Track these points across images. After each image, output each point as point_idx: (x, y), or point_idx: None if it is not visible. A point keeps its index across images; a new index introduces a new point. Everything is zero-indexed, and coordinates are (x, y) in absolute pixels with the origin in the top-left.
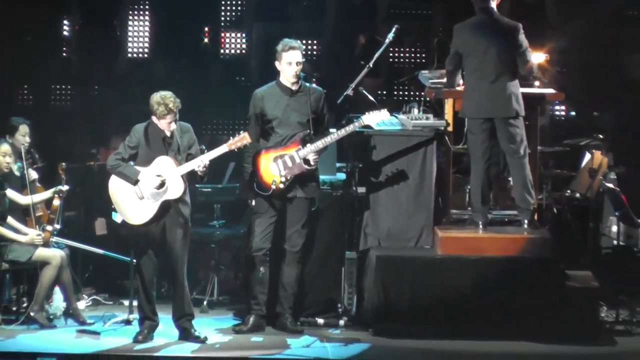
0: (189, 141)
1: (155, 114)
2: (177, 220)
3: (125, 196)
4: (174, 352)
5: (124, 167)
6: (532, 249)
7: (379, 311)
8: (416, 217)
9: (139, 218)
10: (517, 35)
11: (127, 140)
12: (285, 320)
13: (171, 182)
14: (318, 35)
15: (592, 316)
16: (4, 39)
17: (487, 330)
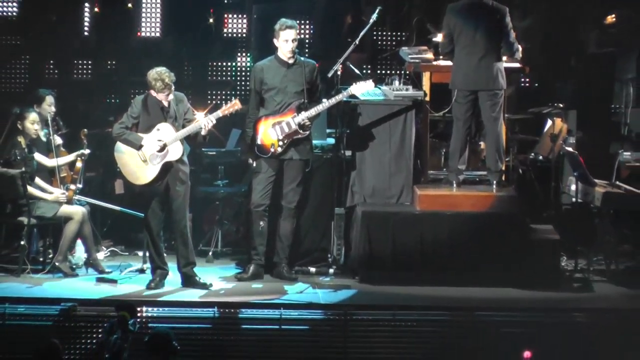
0: (184, 109)
1: (154, 89)
2: (178, 178)
3: (131, 160)
4: (183, 297)
5: (128, 135)
6: (500, 205)
7: (364, 260)
8: (397, 177)
9: (144, 179)
10: (504, 17)
11: (129, 111)
12: (282, 269)
13: (171, 146)
14: (310, 15)
15: (553, 265)
16: (33, 20)
17: (461, 277)
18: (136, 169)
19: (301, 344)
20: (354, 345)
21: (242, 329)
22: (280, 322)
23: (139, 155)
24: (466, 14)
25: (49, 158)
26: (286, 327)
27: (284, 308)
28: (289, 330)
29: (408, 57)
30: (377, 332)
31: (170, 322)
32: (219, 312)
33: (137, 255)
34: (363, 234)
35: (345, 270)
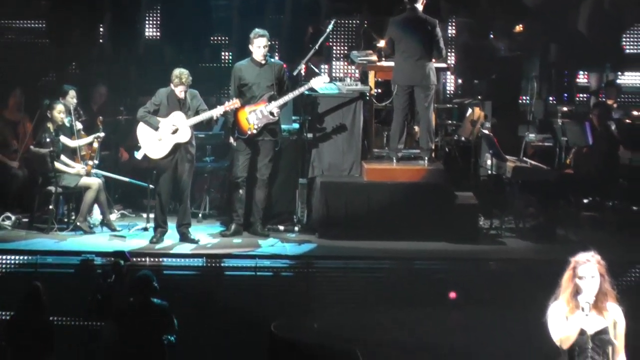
0: (197, 103)
1: (172, 82)
2: (185, 157)
3: (149, 138)
4: (177, 250)
5: (149, 117)
6: (430, 177)
7: (323, 220)
8: (348, 154)
9: (158, 154)
10: (434, 28)
11: (153, 99)
12: (257, 227)
13: (182, 130)
14: (279, 25)
15: (473, 224)
16: (61, 32)
17: (400, 233)
18: (152, 146)
19: (272, 286)
20: (315, 288)
21: (224, 275)
22: (255, 270)
23: (156, 135)
24: (405, 25)
25: (72, 140)
26: (260, 273)
27: (259, 258)
28: (263, 275)
29: (357, 59)
30: (333, 277)
31: (166, 269)
32: (206, 262)
33: (142, 217)
34: (322, 200)
35: (308, 229)
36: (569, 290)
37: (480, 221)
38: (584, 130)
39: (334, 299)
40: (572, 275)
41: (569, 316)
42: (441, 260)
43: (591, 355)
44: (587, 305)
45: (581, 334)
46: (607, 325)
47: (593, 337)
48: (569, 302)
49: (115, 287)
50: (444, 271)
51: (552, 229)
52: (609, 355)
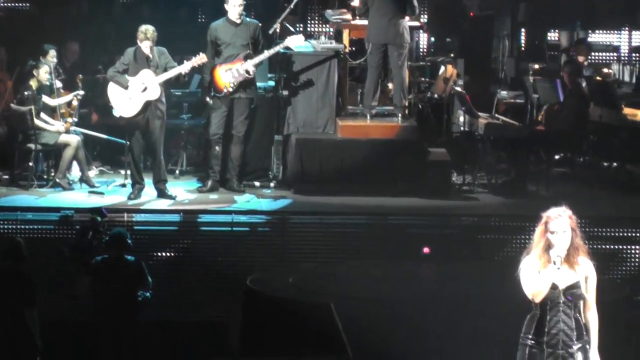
0: (165, 60)
1: (138, 38)
2: (156, 114)
3: (119, 97)
4: (155, 206)
5: (119, 77)
6: (404, 134)
7: (297, 177)
8: (323, 111)
9: (129, 112)
10: None
11: (121, 59)
12: (233, 184)
13: (151, 87)
14: None
15: (445, 180)
16: None
17: (373, 189)
18: (123, 104)
19: (248, 241)
20: (290, 242)
21: (201, 230)
22: (232, 225)
23: (126, 94)
24: None
25: (52, 98)
26: (236, 228)
27: (235, 214)
28: (238, 231)
29: (332, 18)
30: (308, 232)
31: (144, 225)
32: (182, 218)
33: (120, 173)
34: (297, 156)
35: (283, 185)
36: (541, 245)
37: (453, 177)
38: (555, 88)
39: (309, 254)
40: (543, 230)
41: (541, 270)
42: (414, 215)
43: (563, 309)
44: (558, 259)
45: (553, 288)
46: (579, 279)
47: (565, 291)
48: (540, 256)
49: (93, 243)
50: (417, 227)
51: (523, 185)
52: (580, 309)
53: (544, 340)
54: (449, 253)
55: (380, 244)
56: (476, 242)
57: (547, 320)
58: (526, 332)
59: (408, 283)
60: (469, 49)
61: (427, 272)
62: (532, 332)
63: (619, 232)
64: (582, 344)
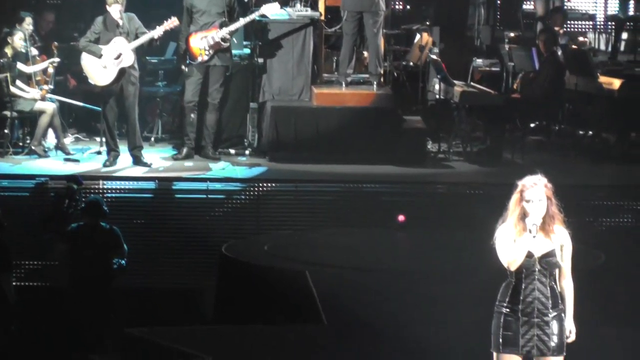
0: (135, 25)
1: (107, 3)
2: (130, 80)
3: (94, 66)
4: (130, 173)
5: (92, 46)
6: (379, 101)
7: (273, 144)
8: (298, 79)
9: (105, 81)
10: None
11: (92, 28)
12: (208, 151)
13: (125, 54)
14: None
15: (420, 148)
16: None
17: (349, 157)
18: (98, 73)
19: (223, 209)
20: (265, 210)
21: (176, 198)
22: (207, 192)
23: (100, 62)
24: None
25: (27, 65)
26: (212, 196)
27: (210, 181)
28: (214, 198)
29: None
30: (283, 199)
31: (120, 192)
32: (157, 185)
33: (95, 141)
34: (272, 124)
35: (258, 152)
36: (516, 214)
37: (428, 145)
38: (531, 56)
39: (284, 222)
40: (519, 199)
41: (517, 239)
42: (390, 183)
43: (538, 277)
44: (534, 227)
45: (528, 257)
46: (554, 248)
47: (540, 259)
48: (516, 225)
49: (68, 211)
50: (392, 194)
51: (498, 153)
52: (555, 278)
53: (519, 309)
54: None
55: (356, 211)
56: (451, 210)
57: (522, 289)
58: (501, 300)
59: (383, 251)
60: (445, 16)
61: (402, 240)
62: (507, 300)
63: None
64: (557, 313)
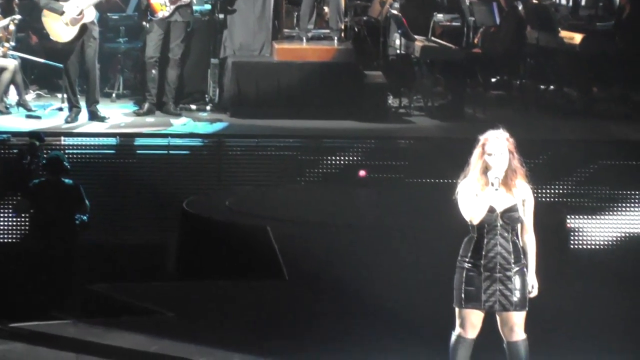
0: None
1: None
2: (91, 36)
3: (55, 24)
4: (92, 129)
5: (53, 3)
6: (340, 56)
7: (234, 100)
8: (259, 34)
9: (66, 37)
10: None
11: None
12: (169, 107)
13: (86, 11)
14: None
15: (382, 103)
16: None
17: (310, 112)
18: (59, 30)
19: (184, 165)
20: (226, 165)
21: (137, 153)
22: (168, 148)
23: (62, 19)
24: None
25: None
26: (173, 152)
27: (171, 137)
28: (175, 154)
29: None
30: (245, 155)
31: (82, 148)
32: (119, 141)
33: (57, 97)
34: (233, 79)
35: (219, 108)
36: (478, 168)
37: (389, 100)
38: (492, 11)
39: (246, 177)
40: (481, 153)
41: (479, 193)
42: (350, 138)
43: (500, 232)
44: (496, 180)
45: (490, 212)
46: (516, 202)
47: (502, 214)
48: (478, 179)
49: (31, 167)
50: (353, 150)
51: (460, 108)
52: (517, 233)
53: (482, 264)
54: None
55: (317, 167)
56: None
57: (484, 244)
58: (463, 255)
59: (344, 206)
60: None
61: (363, 196)
62: (469, 255)
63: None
64: (519, 267)
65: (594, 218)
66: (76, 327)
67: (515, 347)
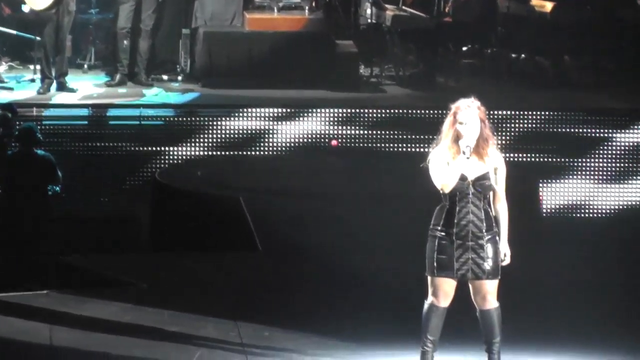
0: None
1: None
2: (67, 10)
3: None
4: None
5: None
6: (311, 26)
7: (206, 70)
8: (231, 4)
9: (41, 5)
10: None
11: None
12: (141, 77)
13: None
14: None
15: (354, 72)
16: None
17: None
18: None
19: (156, 135)
20: (198, 136)
21: (110, 124)
22: (140, 119)
23: None
24: None
25: None
26: (145, 122)
27: (143, 107)
28: (147, 125)
29: None
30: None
31: (54, 120)
32: (92, 111)
33: (29, 69)
34: (204, 49)
35: (191, 78)
36: (450, 136)
37: (361, 69)
38: None
39: (217, 147)
40: (452, 121)
41: (450, 162)
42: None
43: (472, 200)
44: (468, 149)
45: (462, 180)
46: (488, 171)
47: (474, 182)
48: (450, 147)
49: (3, 140)
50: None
51: (431, 77)
52: (489, 201)
53: (454, 232)
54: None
55: (288, 136)
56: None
57: (456, 212)
58: (435, 224)
59: (317, 176)
60: None
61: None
62: (441, 224)
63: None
64: (491, 236)
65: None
66: (49, 298)
67: (487, 315)
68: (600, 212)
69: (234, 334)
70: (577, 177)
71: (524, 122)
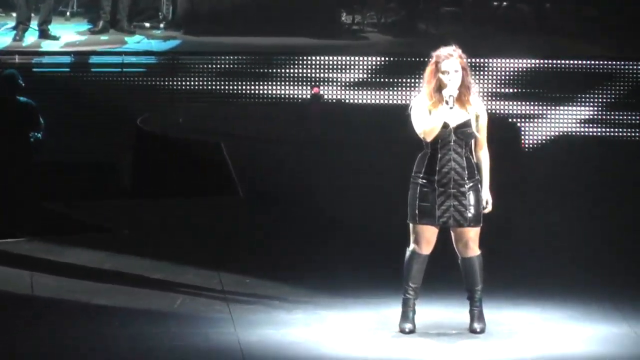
0: None
1: None
2: None
3: None
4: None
5: None
6: None
7: (188, 17)
8: None
9: None
10: None
11: None
12: (123, 24)
13: None
14: None
15: (335, 20)
16: None
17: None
18: None
19: (138, 82)
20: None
21: (92, 72)
22: (122, 66)
23: None
24: None
25: None
26: (127, 70)
27: (125, 55)
28: (129, 72)
29: None
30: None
31: (37, 67)
32: (73, 59)
33: (12, 16)
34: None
35: (173, 25)
36: (432, 85)
37: (342, 17)
38: None
39: (199, 94)
40: (434, 70)
41: (432, 110)
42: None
43: (454, 148)
44: (451, 99)
45: (444, 127)
46: (470, 118)
47: (455, 129)
48: (432, 96)
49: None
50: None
51: (413, 24)
52: (471, 148)
53: (435, 179)
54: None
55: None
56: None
57: (438, 159)
58: (417, 171)
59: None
60: None
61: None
62: (423, 171)
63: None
64: (473, 183)
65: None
66: (30, 245)
67: (469, 263)
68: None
69: (215, 280)
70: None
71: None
